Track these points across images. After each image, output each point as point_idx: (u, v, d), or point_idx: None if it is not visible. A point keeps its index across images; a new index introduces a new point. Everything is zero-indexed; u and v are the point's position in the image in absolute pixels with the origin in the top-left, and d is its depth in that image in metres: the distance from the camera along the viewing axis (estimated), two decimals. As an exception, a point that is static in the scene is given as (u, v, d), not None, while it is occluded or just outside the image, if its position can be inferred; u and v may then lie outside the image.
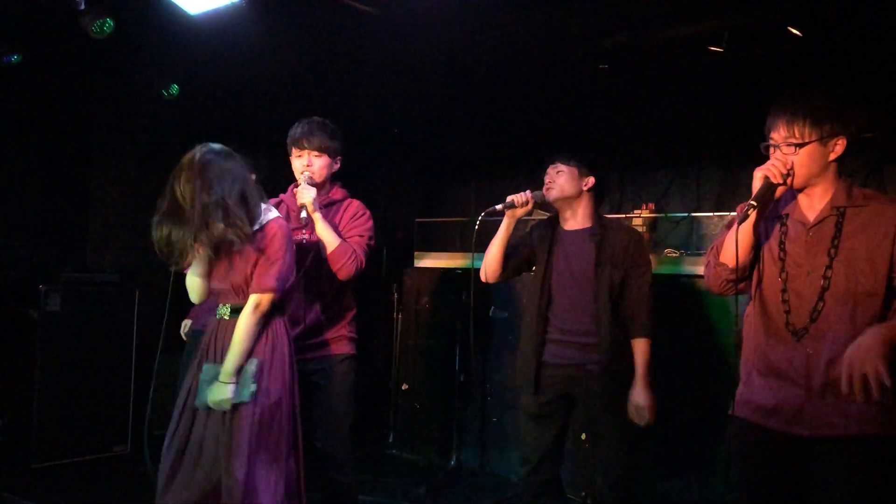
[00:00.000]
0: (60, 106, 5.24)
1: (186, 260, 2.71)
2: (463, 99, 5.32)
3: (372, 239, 3.17)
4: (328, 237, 3.04)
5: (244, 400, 2.66)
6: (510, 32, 4.21)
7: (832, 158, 2.19)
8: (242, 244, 2.68)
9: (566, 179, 3.15)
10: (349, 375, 3.15)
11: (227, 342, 2.74)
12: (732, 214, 2.45)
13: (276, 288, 2.72)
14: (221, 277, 2.79)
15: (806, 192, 2.25)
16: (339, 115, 3.38)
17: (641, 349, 3.06)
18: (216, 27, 4.01)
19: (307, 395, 3.04)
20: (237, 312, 2.74)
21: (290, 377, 2.81)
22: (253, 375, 2.69)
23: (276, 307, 2.79)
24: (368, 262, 3.11)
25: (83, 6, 3.84)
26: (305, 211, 3.04)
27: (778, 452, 2.23)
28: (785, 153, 2.19)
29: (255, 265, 2.73)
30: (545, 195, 3.18)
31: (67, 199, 5.41)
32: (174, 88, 4.94)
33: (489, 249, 3.25)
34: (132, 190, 5.60)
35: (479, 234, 3.14)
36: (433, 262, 5.42)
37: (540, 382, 3.11)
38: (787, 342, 2.22)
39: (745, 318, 2.39)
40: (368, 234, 3.16)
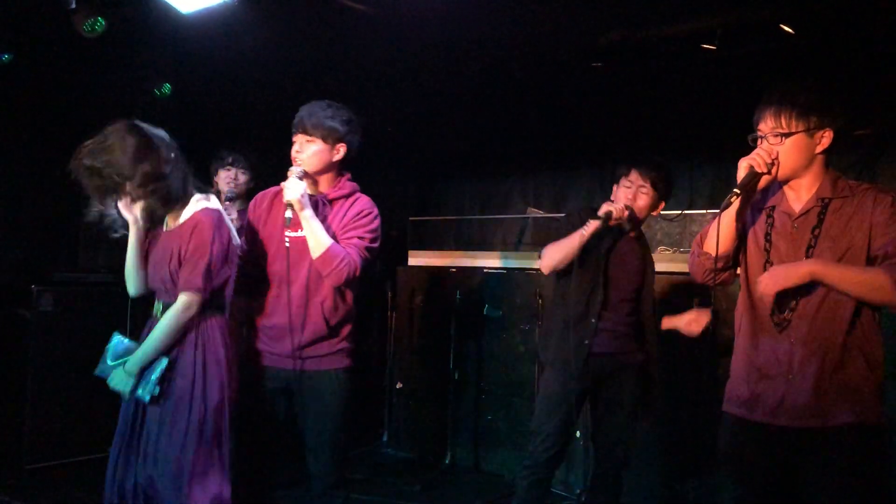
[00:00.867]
0: (51, 105, 5.21)
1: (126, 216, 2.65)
2: (456, 97, 5.32)
3: (375, 241, 2.85)
4: (316, 239, 2.71)
5: (144, 400, 2.59)
6: (504, 31, 4.22)
7: (818, 151, 2.20)
8: (158, 216, 2.62)
9: (647, 203, 3.21)
10: (347, 391, 2.89)
11: None
12: (701, 212, 2.45)
13: (202, 287, 2.55)
14: (153, 274, 2.68)
15: (792, 184, 2.26)
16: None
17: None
18: (209, 26, 4.00)
19: (299, 407, 2.88)
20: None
21: (227, 381, 2.63)
22: (157, 378, 2.57)
23: (210, 306, 2.62)
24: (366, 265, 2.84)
25: (74, 5, 3.83)
26: (290, 210, 2.71)
27: (764, 446, 2.25)
28: (771, 143, 2.20)
29: (179, 261, 2.59)
30: (630, 220, 3.21)
31: (59, 198, 5.38)
32: (166, 87, 4.92)
33: (567, 247, 3.09)
34: (125, 189, 5.56)
35: (478, 232, 3.09)
36: (427, 260, 5.41)
37: (585, 372, 3.18)
38: (771, 333, 2.24)
39: (735, 312, 2.40)
40: (370, 236, 2.84)
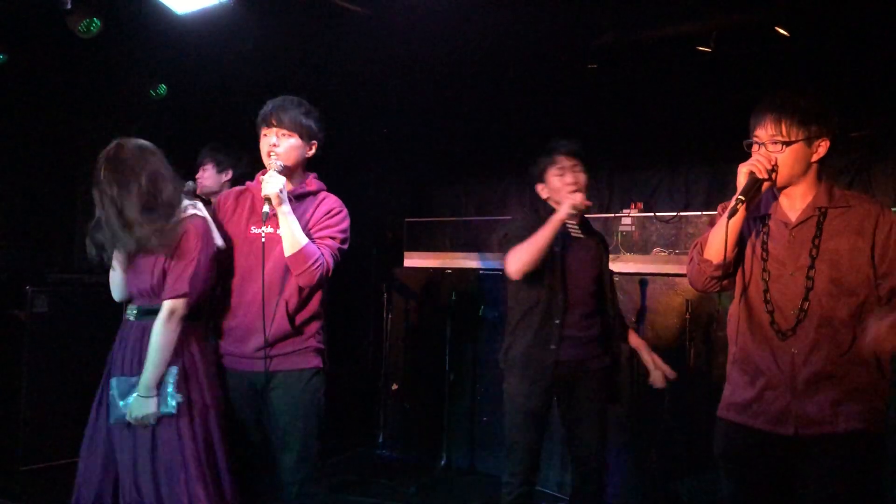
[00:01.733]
0: (47, 106, 5.20)
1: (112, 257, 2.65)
2: (452, 99, 5.32)
3: (345, 242, 2.77)
4: (292, 237, 2.62)
5: (170, 412, 2.55)
6: (499, 33, 4.22)
7: (815, 159, 2.21)
8: (160, 243, 2.57)
9: (585, 181, 3.12)
10: (315, 392, 2.76)
11: (133, 348, 2.62)
12: (714, 213, 2.45)
13: (189, 293, 2.58)
14: (131, 278, 2.67)
15: (786, 192, 2.26)
16: (327, 114, 3.37)
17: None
18: (204, 27, 4.00)
19: (268, 410, 2.77)
20: (144, 315, 2.63)
21: (208, 385, 2.67)
22: (174, 385, 2.57)
23: (191, 312, 2.64)
24: (353, 263, 2.83)
25: (69, 5, 3.83)
26: (268, 205, 2.61)
27: (765, 452, 2.24)
28: (771, 150, 2.20)
29: (165, 267, 2.60)
30: (587, 206, 3.10)
31: (54, 200, 5.38)
32: (162, 88, 4.92)
33: (535, 249, 2.94)
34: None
35: (469, 234, 3.08)
36: (423, 261, 5.41)
37: (553, 382, 3.09)
38: (771, 341, 2.23)
39: (728, 318, 2.39)
40: (341, 236, 2.76)
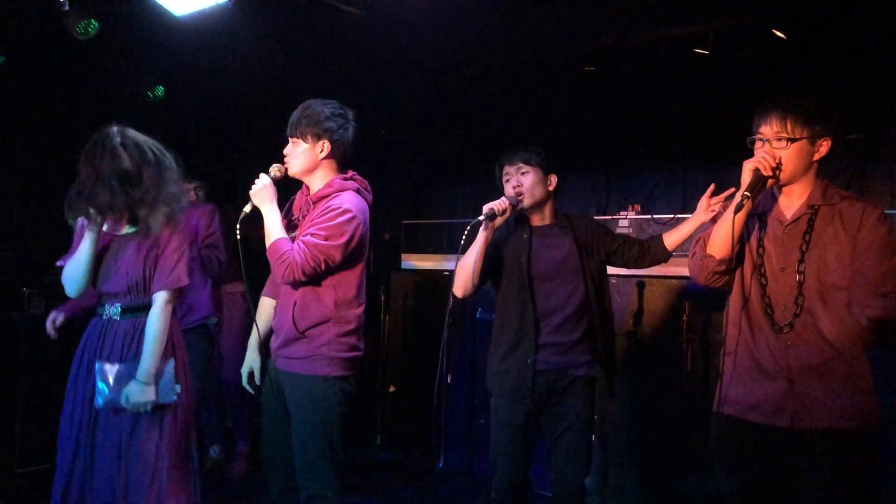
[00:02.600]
0: (44, 108, 5.19)
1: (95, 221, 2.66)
2: (449, 100, 5.32)
3: (334, 239, 2.64)
4: (267, 232, 2.67)
5: (171, 401, 2.64)
6: (496, 35, 4.22)
7: (817, 158, 2.26)
8: (173, 221, 2.68)
9: (533, 182, 2.99)
10: (325, 401, 2.67)
11: (120, 343, 2.67)
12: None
13: (186, 282, 2.68)
14: (110, 277, 2.70)
15: (785, 190, 2.31)
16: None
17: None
18: (202, 28, 4.00)
19: (285, 413, 2.77)
20: (130, 312, 2.69)
21: (186, 380, 2.78)
22: (172, 378, 2.66)
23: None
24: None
25: (67, 7, 3.82)
26: (249, 204, 2.69)
27: (761, 446, 2.28)
28: (775, 147, 2.23)
29: (154, 260, 2.67)
30: (520, 201, 2.96)
31: (51, 201, 5.35)
32: (159, 90, 4.91)
33: (465, 265, 2.89)
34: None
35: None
36: (420, 263, 5.41)
37: (533, 392, 2.91)
38: (768, 336, 2.27)
39: (725, 314, 2.43)
40: (326, 233, 2.63)
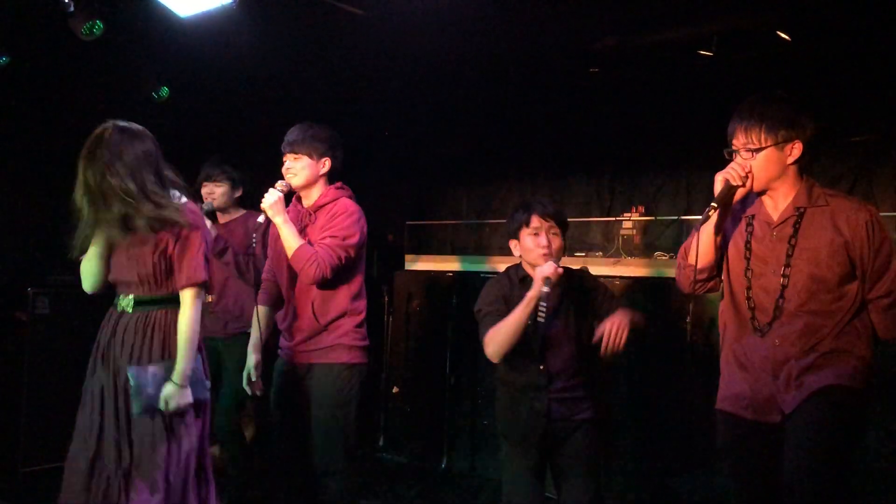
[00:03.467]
0: (49, 108, 5.20)
1: (87, 245, 2.61)
2: (454, 102, 5.33)
3: (351, 238, 2.97)
4: (287, 242, 2.93)
5: (204, 397, 2.63)
6: (501, 36, 4.22)
7: (790, 161, 2.31)
8: (176, 224, 2.56)
9: (560, 244, 2.83)
10: (344, 385, 3.01)
11: (136, 338, 2.59)
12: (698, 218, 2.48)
13: (206, 280, 2.63)
14: (122, 266, 2.63)
15: (769, 193, 2.36)
16: (329, 117, 3.38)
17: None
18: (206, 29, 4.00)
19: (304, 402, 3.02)
20: (143, 305, 2.62)
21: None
22: (203, 373, 2.64)
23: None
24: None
25: (72, 8, 3.83)
26: (263, 215, 2.97)
27: (759, 441, 2.33)
28: (744, 157, 2.32)
29: (170, 254, 2.58)
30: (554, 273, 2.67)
31: (56, 201, 5.36)
32: (164, 91, 4.91)
33: (507, 332, 2.69)
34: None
35: (470, 237, 3.02)
36: (424, 264, 5.41)
37: (543, 439, 2.81)
38: (754, 336, 2.33)
39: (719, 315, 2.50)
40: (343, 233, 2.96)
